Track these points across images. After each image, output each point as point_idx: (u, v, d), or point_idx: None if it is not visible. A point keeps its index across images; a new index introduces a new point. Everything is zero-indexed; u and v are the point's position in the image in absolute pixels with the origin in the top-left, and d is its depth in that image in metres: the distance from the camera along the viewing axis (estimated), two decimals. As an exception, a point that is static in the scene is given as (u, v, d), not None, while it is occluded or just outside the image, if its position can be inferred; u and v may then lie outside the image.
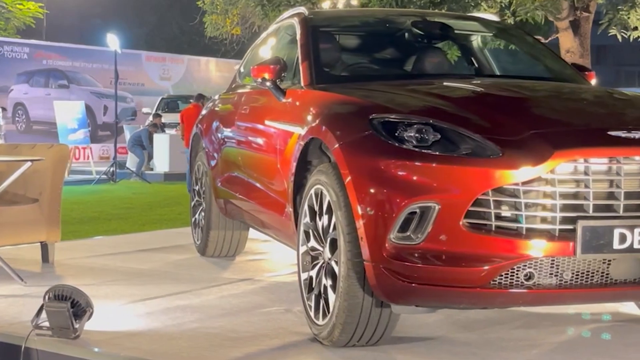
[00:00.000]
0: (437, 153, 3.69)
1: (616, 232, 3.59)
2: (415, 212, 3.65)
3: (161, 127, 20.40)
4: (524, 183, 3.58)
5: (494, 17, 5.97)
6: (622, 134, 3.72)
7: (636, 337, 4.34)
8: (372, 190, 3.76)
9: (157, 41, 38.73)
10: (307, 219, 4.34)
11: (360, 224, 3.77)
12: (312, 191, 4.26)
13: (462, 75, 5.06)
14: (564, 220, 3.59)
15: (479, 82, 4.67)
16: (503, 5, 16.76)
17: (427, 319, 4.65)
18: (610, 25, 14.58)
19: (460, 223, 3.60)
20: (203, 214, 6.80)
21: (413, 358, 3.95)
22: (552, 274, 3.62)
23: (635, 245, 3.61)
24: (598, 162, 3.63)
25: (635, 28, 15.57)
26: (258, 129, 5.42)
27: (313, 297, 4.24)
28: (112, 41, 17.60)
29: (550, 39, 18.24)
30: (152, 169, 19.36)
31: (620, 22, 14.20)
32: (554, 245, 3.57)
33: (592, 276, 3.65)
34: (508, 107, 4.11)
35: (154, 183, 17.83)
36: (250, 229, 6.38)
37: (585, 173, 3.61)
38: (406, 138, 3.76)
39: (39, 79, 23.02)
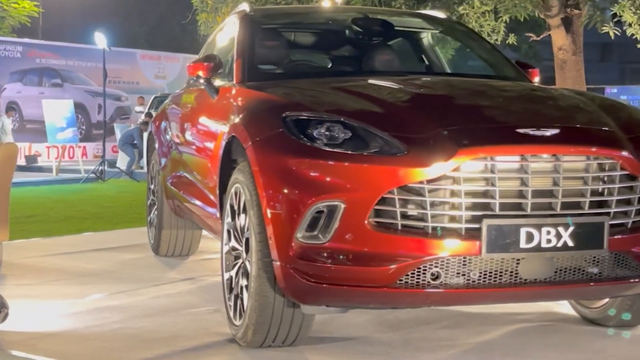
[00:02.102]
0: (345, 151, 3.64)
1: (523, 231, 3.54)
2: (323, 211, 3.60)
3: (153, 126, 20.34)
4: (429, 181, 3.54)
5: (440, 14, 5.91)
6: (530, 131, 3.67)
7: (559, 337, 4.28)
8: (279, 189, 3.72)
9: (158, 40, 38.71)
10: (229, 219, 4.30)
11: (268, 222, 3.73)
12: (233, 190, 4.23)
13: (396, 72, 4.98)
14: (470, 219, 3.54)
15: (406, 79, 4.60)
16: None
17: (356, 319, 4.61)
18: (591, 22, 14.49)
19: (366, 222, 3.55)
20: (156, 212, 6.76)
21: (326, 358, 3.90)
22: (459, 273, 3.57)
23: (543, 244, 3.56)
24: (504, 160, 3.58)
25: (629, 25, 15.46)
26: (195, 127, 5.39)
27: (233, 297, 4.20)
28: (100, 39, 17.58)
29: (542, 36, 18.14)
30: (142, 168, 19.33)
31: (601, 19, 14.10)
32: (460, 244, 3.53)
33: (501, 276, 3.60)
34: (422, 105, 4.06)
35: (142, 182, 17.79)
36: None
37: (492, 171, 3.56)
38: (316, 136, 3.72)
39: (32, 77, 22.97)
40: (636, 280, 3.81)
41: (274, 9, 5.76)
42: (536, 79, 5.40)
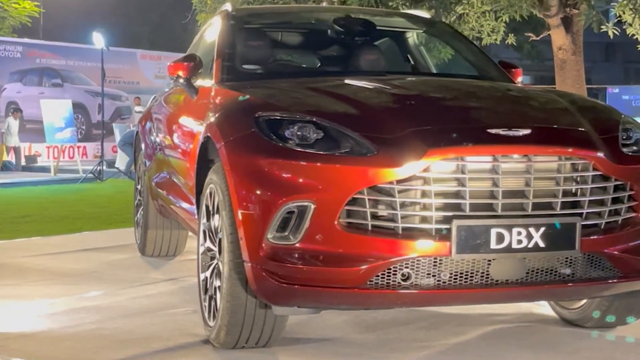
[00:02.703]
0: (315, 152, 3.62)
1: (493, 232, 3.52)
2: (294, 212, 3.58)
3: (152, 126, 20.32)
4: (398, 181, 3.52)
5: (424, 14, 5.89)
6: (502, 132, 3.65)
7: (535, 338, 4.26)
8: (250, 189, 3.71)
9: (160, 40, 38.69)
10: (205, 219, 4.28)
11: (239, 223, 3.72)
12: (208, 190, 4.21)
13: (376, 72, 4.96)
14: (440, 220, 3.52)
15: (384, 79, 4.58)
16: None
17: (333, 320, 4.59)
18: (586, 22, 14.45)
19: (336, 222, 3.53)
20: (142, 213, 6.76)
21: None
22: (429, 274, 3.55)
23: (514, 245, 3.54)
24: (475, 161, 3.56)
25: (630, 24, 15.41)
26: (176, 128, 5.38)
27: (207, 298, 4.19)
28: (98, 39, 17.60)
29: (542, 36, 18.09)
30: (141, 168, 19.31)
31: (597, 19, 14.06)
32: (431, 245, 3.51)
33: (472, 276, 3.57)
34: (395, 105, 4.05)
35: (140, 182, 17.78)
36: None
37: (462, 171, 3.54)
38: (288, 136, 3.70)
39: (32, 77, 22.95)
40: (612, 281, 3.79)
41: (257, 9, 5.74)
42: (519, 79, 5.38)
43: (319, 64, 5.59)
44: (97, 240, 7.87)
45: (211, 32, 5.83)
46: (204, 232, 4.29)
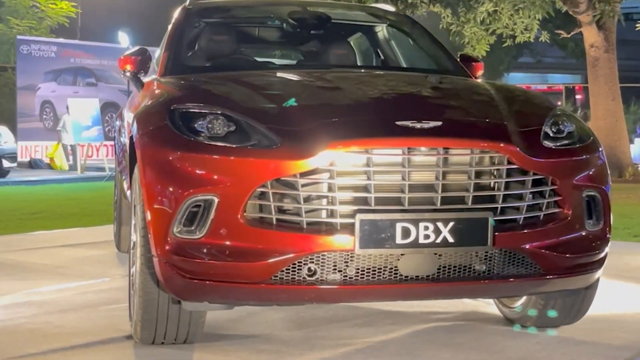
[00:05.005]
0: (223, 144, 3.56)
1: (399, 226, 3.41)
2: (201, 206, 3.52)
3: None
4: (302, 174, 3.44)
5: (388, 7, 5.78)
6: (410, 124, 3.54)
7: (466, 337, 4.13)
8: (159, 182, 3.65)
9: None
10: (133, 213, 4.24)
11: (148, 217, 3.66)
12: (135, 185, 4.17)
13: (320, 66, 4.88)
14: (344, 214, 3.43)
15: (318, 73, 4.50)
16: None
17: (272, 316, 4.54)
18: (603, 17, 14.20)
19: (239, 216, 3.46)
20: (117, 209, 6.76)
21: (211, 357, 3.82)
22: (335, 269, 3.46)
23: (421, 240, 3.43)
24: (381, 153, 3.46)
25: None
26: (125, 123, 5.36)
27: (133, 293, 4.14)
28: (123, 38, 17.76)
29: (572, 33, 17.82)
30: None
31: (612, 14, 13.82)
32: (335, 239, 3.42)
33: (380, 272, 3.48)
34: (311, 98, 3.97)
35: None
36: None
37: (367, 164, 3.44)
38: (198, 129, 3.65)
39: (66, 77, 23.13)
40: (533, 278, 3.66)
41: (212, 3, 5.66)
42: (479, 72, 5.24)
43: (268, 58, 5.52)
44: (83, 236, 7.89)
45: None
46: (134, 226, 4.25)
